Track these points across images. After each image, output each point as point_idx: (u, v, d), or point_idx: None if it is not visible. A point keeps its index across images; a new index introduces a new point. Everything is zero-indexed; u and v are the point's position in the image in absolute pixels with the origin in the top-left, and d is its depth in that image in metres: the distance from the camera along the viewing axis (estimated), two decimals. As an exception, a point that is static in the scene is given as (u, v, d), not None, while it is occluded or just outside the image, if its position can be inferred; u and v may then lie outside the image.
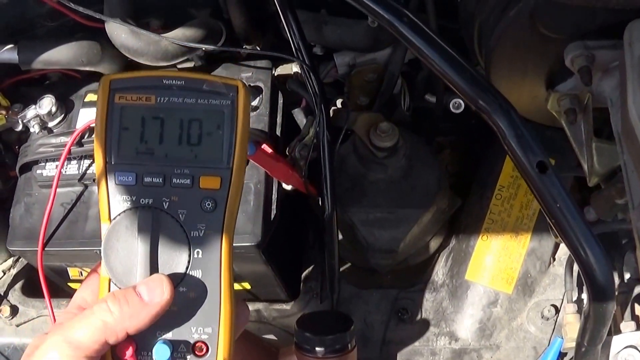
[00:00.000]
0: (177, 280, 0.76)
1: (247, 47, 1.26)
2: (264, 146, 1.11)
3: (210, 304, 0.77)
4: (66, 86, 1.31)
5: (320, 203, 1.19)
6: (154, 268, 0.76)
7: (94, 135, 0.82)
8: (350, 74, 1.24)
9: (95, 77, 1.31)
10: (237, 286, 1.24)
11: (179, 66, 1.27)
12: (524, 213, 1.21)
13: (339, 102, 1.23)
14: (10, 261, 1.44)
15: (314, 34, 1.16)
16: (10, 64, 1.29)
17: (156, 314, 0.74)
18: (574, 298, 1.19)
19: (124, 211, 0.77)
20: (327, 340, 1.08)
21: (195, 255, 0.77)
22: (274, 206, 1.15)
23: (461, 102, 1.26)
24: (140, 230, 0.76)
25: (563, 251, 1.24)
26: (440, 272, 1.25)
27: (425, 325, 1.22)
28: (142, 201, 0.78)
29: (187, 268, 0.77)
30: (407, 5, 0.89)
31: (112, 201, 0.78)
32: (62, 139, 1.20)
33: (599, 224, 1.11)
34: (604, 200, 1.07)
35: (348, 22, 1.15)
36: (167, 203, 0.78)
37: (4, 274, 1.42)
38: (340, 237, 1.20)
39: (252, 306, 1.26)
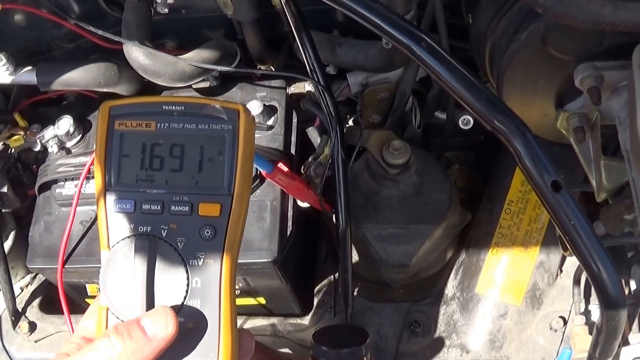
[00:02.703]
0: (174, 310, 0.73)
1: (262, 67, 1.27)
2: (280, 165, 1.12)
3: (210, 335, 0.74)
4: (83, 106, 1.32)
5: (334, 219, 1.20)
6: (150, 297, 0.74)
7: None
8: (363, 93, 1.25)
9: (112, 97, 1.32)
10: (252, 301, 1.25)
11: (195, 86, 1.28)
12: (533, 227, 1.22)
13: (351, 120, 1.25)
14: (28, 278, 1.45)
15: (327, 54, 1.18)
16: (28, 85, 1.31)
17: (160, 349, 0.71)
18: (582, 310, 1.20)
19: (122, 239, 0.75)
20: (343, 354, 1.08)
21: (194, 285, 0.74)
22: (289, 222, 1.16)
23: (470, 118, 1.28)
24: (137, 258, 0.74)
25: (570, 263, 1.25)
26: (450, 285, 1.26)
27: (436, 337, 1.23)
28: (141, 229, 0.76)
29: (185, 298, 0.74)
30: (419, 27, 0.91)
31: (111, 228, 0.77)
32: (82, 159, 1.21)
33: (607, 238, 1.12)
34: (613, 215, 1.08)
35: (361, 43, 1.17)
36: (166, 231, 0.76)
37: (22, 290, 1.43)
38: (354, 252, 1.22)
39: (267, 320, 1.27)
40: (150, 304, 0.73)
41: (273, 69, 1.28)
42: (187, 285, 0.74)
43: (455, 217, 1.21)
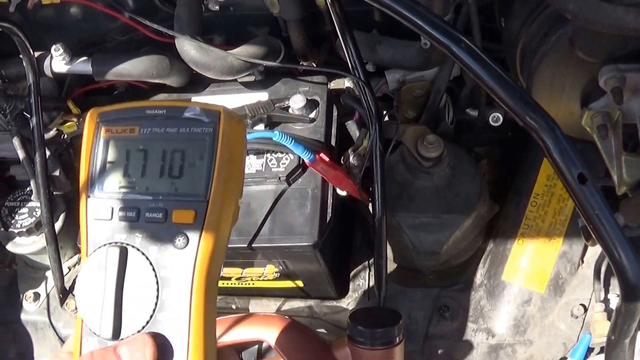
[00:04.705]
0: (143, 323, 0.73)
1: (304, 63, 1.42)
2: (322, 155, 1.27)
3: (178, 353, 0.73)
4: (133, 96, 1.47)
5: (370, 208, 1.35)
6: (118, 311, 0.73)
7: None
8: (400, 90, 1.40)
9: (161, 88, 1.47)
10: (291, 284, 1.40)
11: (240, 80, 1.43)
12: (557, 219, 1.37)
13: (388, 115, 1.39)
14: (75, 258, 1.60)
15: (367, 52, 1.32)
16: (81, 75, 1.46)
17: None
18: (601, 298, 1.34)
19: (99, 247, 0.75)
20: (377, 334, 1.23)
21: (164, 297, 0.73)
22: (329, 210, 1.30)
23: (499, 115, 1.42)
24: (108, 268, 0.74)
25: (590, 254, 1.39)
26: (478, 273, 1.41)
27: (464, 321, 1.37)
28: (116, 237, 0.75)
29: (153, 311, 0.73)
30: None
31: (89, 237, 0.77)
32: (134, 145, 1.36)
33: (626, 229, 1.27)
34: (632, 208, 1.23)
35: (400, 43, 1.31)
36: (139, 239, 0.75)
37: (70, 270, 1.57)
38: (388, 239, 1.36)
39: (304, 303, 1.41)
40: (117, 317, 0.73)
41: (315, 66, 1.42)
42: (157, 298, 0.74)
43: (484, 208, 1.35)
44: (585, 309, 1.36)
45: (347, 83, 1.43)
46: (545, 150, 0.99)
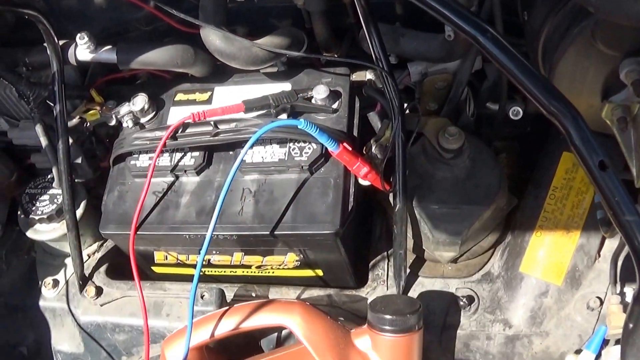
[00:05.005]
0: None
1: (327, 54, 1.45)
2: (345, 144, 1.30)
3: None
4: (156, 86, 1.50)
5: (390, 198, 1.38)
6: None
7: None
8: (422, 82, 1.42)
9: (183, 78, 1.50)
10: (310, 272, 1.43)
11: (263, 71, 1.46)
12: (575, 212, 1.39)
13: (409, 107, 1.42)
14: (95, 246, 1.63)
15: (391, 44, 1.35)
16: (103, 64, 1.49)
17: None
18: (618, 291, 1.37)
19: None
20: (397, 321, 1.26)
21: None
22: (351, 199, 1.33)
23: (520, 109, 1.45)
24: None
25: (607, 249, 1.41)
26: (496, 264, 1.43)
27: (481, 312, 1.40)
28: None
29: None
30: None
31: None
32: (157, 133, 1.39)
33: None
34: (651, 199, 1.26)
35: (424, 35, 1.34)
36: None
37: (89, 257, 1.61)
38: (408, 229, 1.38)
39: (324, 291, 1.44)
40: None
41: (336, 57, 1.46)
42: None
43: (503, 200, 1.38)
44: (602, 302, 1.38)
45: (368, 75, 1.46)
46: (567, 138, 1.02)
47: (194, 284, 1.26)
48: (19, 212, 1.57)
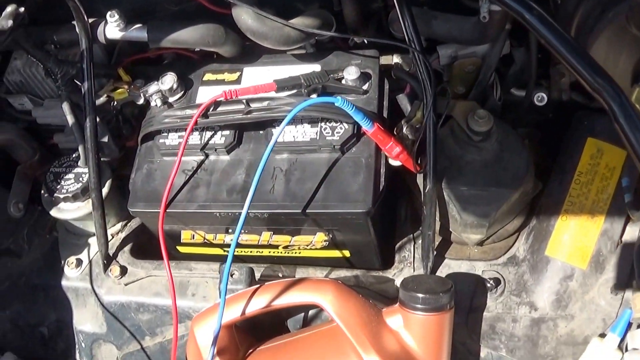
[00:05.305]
0: None
1: (355, 37, 1.47)
2: (378, 125, 1.31)
3: None
4: (183, 66, 1.51)
5: (418, 180, 1.40)
6: None
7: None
8: (452, 65, 1.44)
9: (210, 58, 1.51)
10: (337, 253, 1.44)
11: (291, 53, 1.47)
12: (600, 197, 1.42)
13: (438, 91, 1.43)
14: (118, 225, 1.63)
15: (422, 27, 1.36)
16: (128, 43, 1.50)
17: None
18: (642, 275, 1.39)
19: None
20: (430, 299, 1.27)
21: None
22: (382, 179, 1.34)
23: (544, 95, 1.48)
24: None
25: (629, 236, 1.44)
26: (521, 248, 1.45)
27: (507, 294, 1.42)
28: None
29: None
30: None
31: None
32: (188, 112, 1.40)
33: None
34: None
35: (456, 17, 1.36)
36: None
37: (113, 237, 1.60)
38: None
39: (351, 272, 1.45)
40: None
41: (365, 41, 1.47)
42: None
43: (530, 184, 1.40)
44: (625, 287, 1.41)
45: (395, 59, 1.48)
46: (611, 115, 1.04)
47: (228, 259, 1.26)
48: (42, 191, 1.57)
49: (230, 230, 1.42)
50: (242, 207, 1.32)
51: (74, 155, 1.57)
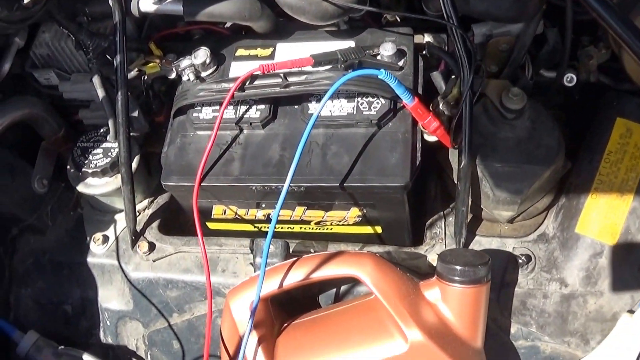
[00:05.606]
0: None
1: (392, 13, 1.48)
2: (418, 99, 1.33)
3: None
4: (214, 41, 1.51)
5: (450, 157, 1.41)
6: None
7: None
8: (487, 44, 1.46)
9: (241, 34, 1.52)
10: (369, 230, 1.45)
11: (326, 29, 1.48)
12: (629, 176, 1.44)
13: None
14: (145, 202, 1.63)
15: (461, 3, 1.37)
16: (159, 18, 1.50)
17: None
18: (670, 253, 1.42)
19: None
20: (468, 272, 1.29)
21: None
22: (418, 154, 1.35)
23: (573, 76, 1.50)
24: None
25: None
26: (550, 226, 1.47)
27: (538, 271, 1.44)
28: None
29: None
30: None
31: None
32: (224, 85, 1.40)
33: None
34: None
35: (495, -6, 1.38)
36: None
37: (139, 214, 1.59)
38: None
39: (383, 248, 1.46)
40: None
41: (398, 19, 1.48)
42: None
43: (561, 162, 1.42)
44: (652, 265, 1.44)
45: (427, 38, 1.49)
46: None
47: (270, 230, 1.26)
48: (68, 167, 1.56)
49: (263, 205, 1.43)
50: (278, 181, 1.33)
51: (102, 130, 1.56)
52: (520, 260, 1.43)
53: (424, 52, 1.46)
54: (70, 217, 1.68)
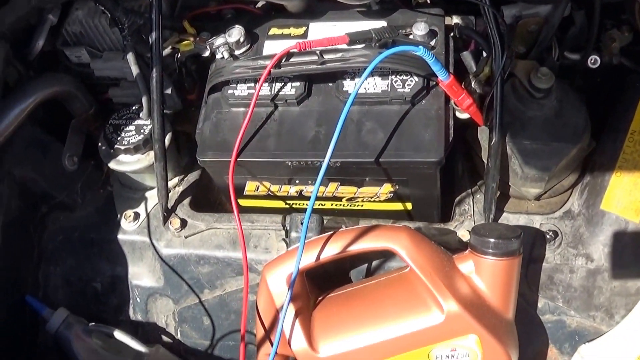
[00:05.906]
0: None
1: (419, -3, 1.52)
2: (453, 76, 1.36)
3: None
4: (246, 21, 1.54)
5: (478, 135, 1.45)
6: None
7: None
8: (516, 25, 1.50)
9: (271, 14, 1.55)
10: (400, 206, 1.48)
11: (358, 9, 1.51)
12: (652, 155, 1.49)
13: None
14: (175, 180, 1.65)
15: (491, -16, 1.42)
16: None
17: None
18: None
19: None
20: (502, 244, 1.32)
21: None
22: (451, 130, 1.39)
23: (597, 58, 1.54)
24: None
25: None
26: (576, 203, 1.51)
27: (565, 246, 1.48)
28: None
29: None
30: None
31: None
32: (261, 62, 1.43)
33: None
34: None
35: (527, -26, 1.42)
36: None
37: (170, 191, 1.61)
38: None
39: (413, 225, 1.49)
40: None
41: (428, 0, 1.52)
42: None
43: (587, 140, 1.46)
44: (673, 241, 1.48)
45: (455, 19, 1.53)
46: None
47: (310, 204, 1.29)
48: (100, 144, 1.58)
49: (297, 181, 1.46)
50: (315, 157, 1.37)
51: (134, 108, 1.59)
52: (547, 236, 1.47)
53: (453, 33, 1.50)
54: (100, 195, 1.70)
